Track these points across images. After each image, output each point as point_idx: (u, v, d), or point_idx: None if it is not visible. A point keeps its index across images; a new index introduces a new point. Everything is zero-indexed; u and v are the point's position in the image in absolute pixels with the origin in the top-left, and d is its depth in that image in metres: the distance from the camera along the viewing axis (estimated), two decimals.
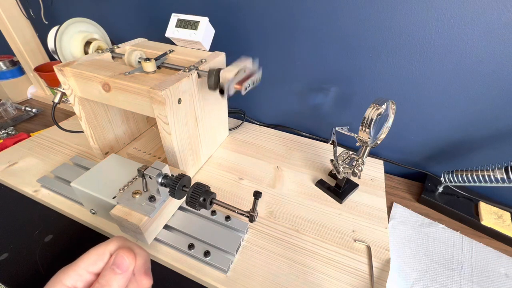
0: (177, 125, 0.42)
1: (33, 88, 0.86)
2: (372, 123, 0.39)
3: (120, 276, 0.23)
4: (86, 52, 0.50)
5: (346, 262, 0.40)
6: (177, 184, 0.33)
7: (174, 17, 0.51)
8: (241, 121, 0.71)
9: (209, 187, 0.33)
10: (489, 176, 0.44)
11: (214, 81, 0.41)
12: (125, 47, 0.52)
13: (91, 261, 0.24)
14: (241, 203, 0.49)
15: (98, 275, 0.24)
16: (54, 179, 0.50)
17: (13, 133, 0.68)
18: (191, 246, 0.39)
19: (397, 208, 0.52)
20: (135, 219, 0.36)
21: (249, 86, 0.42)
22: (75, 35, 0.49)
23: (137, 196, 0.37)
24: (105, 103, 0.47)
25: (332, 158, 0.50)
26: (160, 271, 0.39)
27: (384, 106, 0.38)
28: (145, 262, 0.27)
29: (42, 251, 0.41)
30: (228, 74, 0.39)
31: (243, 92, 0.41)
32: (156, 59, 0.45)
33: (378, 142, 0.43)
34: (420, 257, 0.44)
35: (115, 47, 0.51)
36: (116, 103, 0.43)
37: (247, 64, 0.42)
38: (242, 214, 0.33)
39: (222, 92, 0.40)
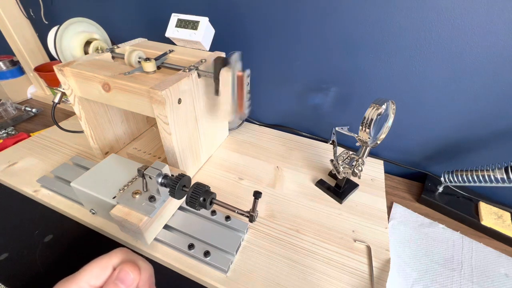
0: (177, 125, 0.42)
1: (33, 88, 0.86)
2: (372, 123, 0.39)
3: None
4: (86, 52, 0.50)
5: (346, 262, 0.40)
6: (177, 184, 0.33)
7: (174, 17, 0.51)
8: (241, 121, 0.71)
9: (209, 187, 0.33)
10: (489, 176, 0.44)
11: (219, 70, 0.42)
12: (125, 47, 0.52)
13: (94, 274, 0.23)
14: (241, 203, 0.48)
15: None
16: (54, 179, 0.50)
17: (13, 133, 0.67)
18: (191, 246, 0.39)
19: (397, 208, 0.52)
20: (135, 219, 0.36)
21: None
22: (75, 35, 0.49)
23: (137, 196, 0.37)
24: (105, 103, 0.47)
25: (332, 158, 0.50)
26: (160, 271, 0.39)
27: (384, 106, 0.38)
28: (150, 277, 0.26)
29: (42, 251, 0.41)
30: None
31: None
32: (156, 59, 0.45)
33: (378, 142, 0.43)
34: (420, 257, 0.44)
35: (115, 47, 0.51)
36: (116, 103, 0.43)
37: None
38: (242, 214, 0.33)
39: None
